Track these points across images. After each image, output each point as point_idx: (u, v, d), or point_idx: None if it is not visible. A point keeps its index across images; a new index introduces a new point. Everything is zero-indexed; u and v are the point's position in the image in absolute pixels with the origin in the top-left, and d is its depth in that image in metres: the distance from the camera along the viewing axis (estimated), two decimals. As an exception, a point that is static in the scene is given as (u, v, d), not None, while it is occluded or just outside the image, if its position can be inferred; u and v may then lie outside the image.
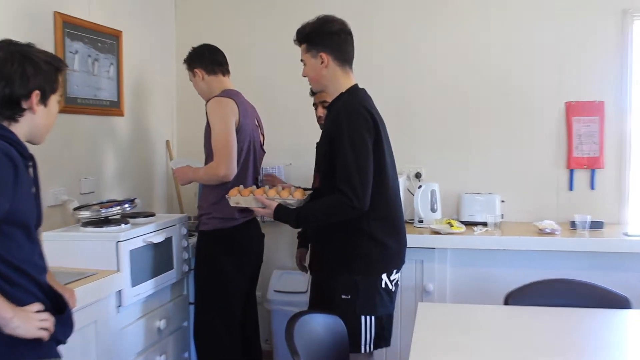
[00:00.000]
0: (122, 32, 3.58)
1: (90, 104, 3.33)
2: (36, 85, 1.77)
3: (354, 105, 2.50)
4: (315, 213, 2.53)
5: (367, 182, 2.40)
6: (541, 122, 3.87)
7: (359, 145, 2.41)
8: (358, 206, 2.39)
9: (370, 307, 2.51)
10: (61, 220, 3.07)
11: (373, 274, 2.52)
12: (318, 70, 2.58)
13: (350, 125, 2.43)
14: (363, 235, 2.51)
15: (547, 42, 3.84)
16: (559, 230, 3.46)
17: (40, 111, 1.81)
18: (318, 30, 2.57)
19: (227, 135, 2.99)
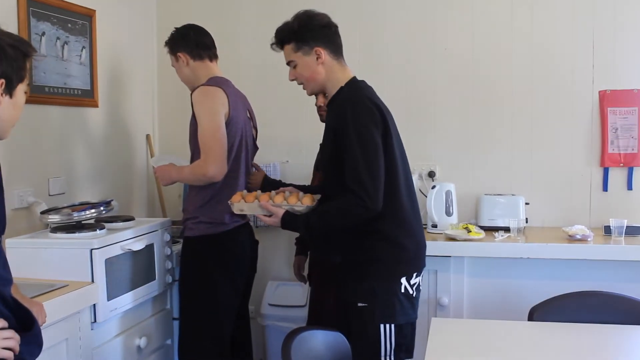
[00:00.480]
0: (95, 11, 3.59)
1: (60, 93, 3.34)
2: (1, 73, 1.74)
3: (357, 98, 2.55)
4: (326, 218, 2.59)
5: (378, 180, 2.47)
6: (571, 113, 3.88)
7: (367, 140, 2.47)
8: (372, 206, 2.46)
9: (390, 315, 2.57)
10: (27, 225, 3.08)
11: (391, 279, 2.58)
12: (314, 67, 2.64)
13: (356, 119, 2.48)
14: (377, 237, 2.58)
15: (578, 23, 3.84)
16: (591, 237, 3.47)
17: (5, 102, 1.78)
18: (307, 24, 2.64)
19: (216, 129, 2.99)
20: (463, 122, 3.97)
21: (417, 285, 2.66)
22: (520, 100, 3.92)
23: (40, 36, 3.18)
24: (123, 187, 3.94)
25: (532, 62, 3.89)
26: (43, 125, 3.23)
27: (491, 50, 3.94)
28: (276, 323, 3.94)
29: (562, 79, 3.87)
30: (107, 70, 3.74)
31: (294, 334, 2.28)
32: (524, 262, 3.44)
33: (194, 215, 3.11)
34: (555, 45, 3.87)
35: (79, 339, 2.63)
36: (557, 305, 2.69)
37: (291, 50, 2.66)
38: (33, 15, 3.12)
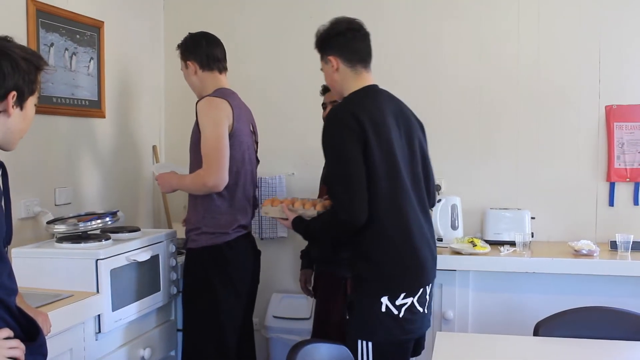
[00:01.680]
0: (103, 22, 3.62)
1: (68, 103, 3.36)
2: (13, 85, 1.76)
3: (338, 112, 2.60)
4: (316, 226, 2.68)
5: (353, 192, 2.46)
6: (577, 128, 3.88)
7: (341, 154, 2.50)
8: (344, 218, 2.48)
9: (366, 332, 2.55)
10: (33, 235, 3.09)
11: (371, 297, 2.56)
12: (332, 75, 2.71)
13: (331, 135, 2.55)
14: (356, 254, 2.61)
15: (584, 38, 3.84)
16: (597, 252, 3.46)
17: (15, 114, 1.80)
18: (325, 34, 2.71)
19: (219, 140, 3.00)
20: (469, 135, 3.97)
21: (410, 305, 2.55)
22: (526, 115, 3.92)
23: (49, 47, 3.20)
24: (129, 198, 3.95)
25: (539, 77, 3.90)
26: (50, 136, 3.25)
27: (497, 63, 3.95)
28: (280, 335, 3.93)
29: (569, 93, 3.87)
30: (114, 81, 3.76)
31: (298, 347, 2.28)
32: (530, 276, 3.43)
33: (197, 227, 3.12)
34: (562, 60, 3.88)
35: (83, 350, 2.63)
36: (562, 320, 2.68)
37: (320, 59, 2.77)
38: (42, 26, 3.14)
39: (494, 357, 2.41)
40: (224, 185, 3.01)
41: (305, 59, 4.10)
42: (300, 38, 4.13)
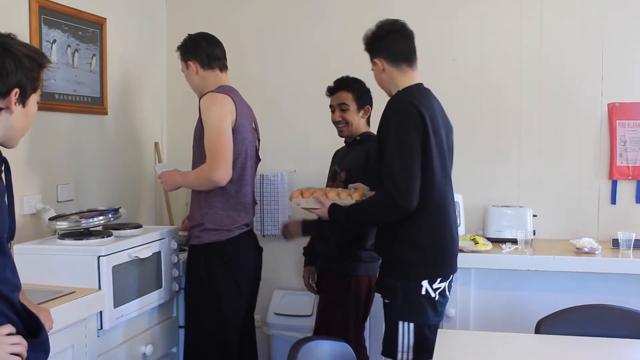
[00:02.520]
0: (106, 19, 3.62)
1: (70, 100, 3.37)
2: (16, 82, 1.77)
3: (400, 102, 2.69)
4: (362, 211, 2.75)
5: (411, 179, 2.58)
6: (579, 126, 3.88)
7: (404, 141, 2.59)
8: (402, 203, 2.57)
9: (409, 314, 2.67)
10: (35, 231, 3.10)
11: (412, 280, 2.68)
12: (380, 76, 2.83)
13: (396, 122, 2.62)
14: (401, 238, 2.69)
15: (586, 36, 3.84)
16: (599, 250, 3.46)
17: (17, 111, 1.81)
18: (370, 38, 2.84)
19: (222, 134, 3.01)
20: (471, 133, 3.96)
21: (442, 290, 2.71)
22: (529, 112, 3.92)
23: (51, 43, 3.21)
24: (131, 194, 3.96)
25: (541, 74, 3.89)
26: (52, 132, 3.25)
27: (499, 62, 3.94)
28: (282, 332, 3.94)
29: (571, 91, 3.87)
30: (116, 78, 3.76)
31: (300, 344, 2.29)
32: (531, 274, 3.43)
33: (199, 223, 3.12)
34: (564, 58, 3.87)
35: (85, 346, 2.63)
36: (564, 318, 2.68)
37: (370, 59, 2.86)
38: (44, 22, 3.15)
39: (495, 354, 2.42)
40: (228, 179, 3.01)
41: (307, 57, 4.12)
42: (303, 36, 4.14)
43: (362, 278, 3.28)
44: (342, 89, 3.37)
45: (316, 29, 4.13)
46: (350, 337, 3.18)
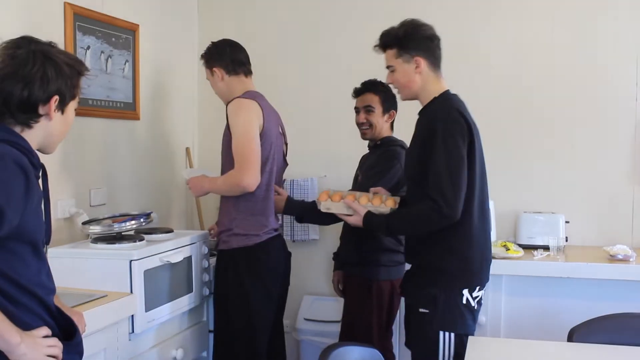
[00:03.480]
0: (138, 25, 3.66)
1: (103, 105, 3.41)
2: (56, 90, 1.81)
3: (448, 109, 2.66)
4: (405, 220, 2.71)
5: (459, 190, 2.55)
6: (613, 130, 3.83)
7: (452, 151, 2.57)
8: (448, 214, 2.54)
9: (450, 324, 2.64)
10: (68, 235, 3.14)
11: (454, 289, 2.65)
12: (411, 76, 2.73)
13: (445, 130, 2.59)
14: (443, 247, 2.65)
15: (621, 39, 3.80)
16: (633, 257, 3.42)
17: (57, 118, 1.85)
18: (412, 34, 2.73)
19: (250, 140, 3.02)
20: (503, 138, 3.93)
21: (480, 298, 2.71)
22: (562, 117, 3.88)
23: (85, 50, 3.25)
24: (162, 199, 3.99)
25: (574, 79, 3.86)
26: (86, 137, 3.29)
27: (533, 66, 3.92)
28: (311, 338, 3.94)
29: (605, 95, 3.83)
30: (149, 84, 3.80)
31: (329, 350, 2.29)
32: (564, 281, 3.40)
33: (228, 228, 3.14)
34: (598, 62, 3.84)
35: (117, 349, 2.66)
36: (597, 326, 2.65)
37: (392, 55, 2.74)
38: (79, 29, 3.19)
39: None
40: (257, 184, 3.02)
41: (337, 61, 4.13)
42: (334, 40, 4.15)
43: (383, 283, 3.29)
44: (368, 91, 3.37)
45: (346, 34, 4.14)
46: (374, 341, 3.18)
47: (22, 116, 1.79)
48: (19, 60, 1.77)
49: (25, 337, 1.70)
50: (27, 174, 1.72)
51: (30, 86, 1.77)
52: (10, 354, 1.68)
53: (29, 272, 1.78)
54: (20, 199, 1.69)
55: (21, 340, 1.68)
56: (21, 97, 1.77)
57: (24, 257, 1.76)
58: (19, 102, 1.77)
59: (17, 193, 1.68)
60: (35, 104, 1.79)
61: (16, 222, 1.69)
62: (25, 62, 1.77)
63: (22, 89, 1.76)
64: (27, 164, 1.74)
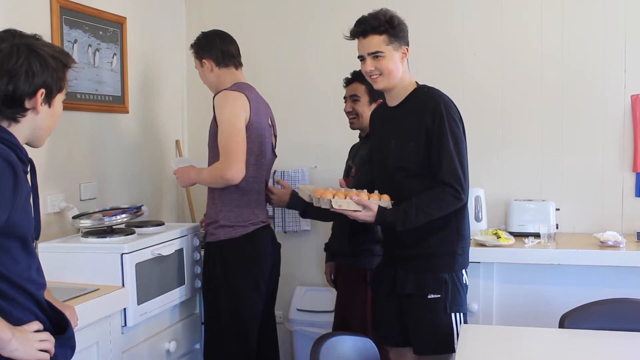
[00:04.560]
0: (126, 18, 3.64)
1: (91, 99, 3.39)
2: (42, 83, 1.80)
3: (443, 96, 2.72)
4: (423, 209, 2.64)
5: (467, 173, 2.67)
6: (603, 118, 3.84)
7: (458, 137, 2.67)
8: (464, 198, 2.65)
9: (459, 304, 2.72)
10: (59, 229, 3.13)
11: (458, 270, 2.74)
12: (398, 64, 2.74)
13: (449, 116, 2.65)
14: (450, 229, 2.72)
15: (609, 27, 3.80)
16: (623, 243, 3.43)
17: (44, 111, 1.84)
18: (402, 23, 2.76)
19: (236, 132, 3.02)
20: (493, 126, 3.95)
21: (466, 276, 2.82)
22: (551, 105, 3.89)
23: (73, 43, 3.24)
24: (153, 192, 3.99)
25: (563, 66, 3.86)
26: (74, 131, 3.28)
27: (521, 53, 3.92)
28: (304, 328, 3.95)
29: (593, 83, 3.83)
30: (137, 77, 3.78)
31: (322, 340, 2.29)
32: (555, 268, 3.41)
33: (214, 220, 3.13)
34: (586, 49, 3.84)
35: (110, 343, 2.66)
36: (588, 312, 2.66)
37: (382, 41, 2.71)
38: (66, 23, 3.18)
39: (518, 349, 2.41)
40: (242, 177, 3.02)
41: (326, 52, 4.12)
42: (323, 31, 4.14)
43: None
44: (355, 80, 3.36)
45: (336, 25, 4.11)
46: (369, 331, 3.19)
47: (8, 111, 1.78)
48: (3, 54, 1.76)
49: (16, 333, 1.69)
50: (16, 170, 1.71)
51: (15, 80, 1.75)
52: (1, 350, 1.67)
53: (19, 267, 1.77)
54: (9, 196, 1.68)
55: (12, 336, 1.68)
56: (6, 92, 1.75)
57: (13, 253, 1.75)
58: (5, 97, 1.76)
59: (5, 189, 1.67)
60: (21, 98, 1.78)
61: (4, 218, 1.68)
62: (9, 57, 1.75)
63: (7, 83, 1.75)
64: (15, 160, 1.72)
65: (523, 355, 2.35)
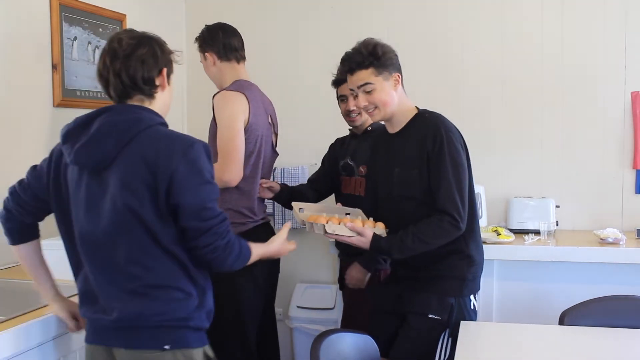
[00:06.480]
0: (125, 15, 3.65)
1: (91, 96, 3.40)
2: (164, 64, 2.06)
3: (444, 121, 2.66)
4: (420, 237, 2.57)
5: (466, 201, 2.59)
6: (603, 115, 3.85)
7: (459, 164, 2.58)
8: (462, 226, 2.56)
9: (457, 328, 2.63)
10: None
11: (466, 295, 2.68)
12: (391, 93, 2.66)
13: (449, 141, 2.58)
14: (459, 256, 2.66)
15: (609, 24, 3.81)
16: (623, 240, 3.44)
17: (167, 88, 2.09)
18: (388, 51, 2.65)
19: (234, 135, 3.01)
20: (493, 124, 3.96)
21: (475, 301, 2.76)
22: (551, 102, 3.89)
23: (72, 41, 3.24)
24: (153, 189, 3.97)
25: (563, 64, 3.87)
26: (75, 129, 3.28)
27: (521, 51, 3.92)
28: (304, 325, 3.95)
29: (593, 80, 3.84)
30: (137, 74, 3.78)
31: (322, 337, 2.30)
32: (555, 265, 3.42)
33: None
34: (586, 46, 3.84)
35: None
36: (588, 309, 2.67)
37: (370, 74, 2.62)
38: (65, 20, 3.18)
39: (518, 346, 2.41)
40: (239, 179, 3.01)
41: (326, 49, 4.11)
42: (323, 28, 4.14)
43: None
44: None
45: (336, 22, 4.14)
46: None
47: (147, 88, 2.01)
48: (134, 45, 2.01)
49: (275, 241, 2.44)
50: None
51: (147, 64, 2.01)
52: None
53: None
54: None
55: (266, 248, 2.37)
56: (142, 73, 2.00)
57: None
58: (142, 78, 2.00)
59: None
60: (152, 77, 2.02)
61: None
62: (137, 46, 2.01)
63: (142, 66, 2.00)
64: None
65: (523, 352, 2.36)
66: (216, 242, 1.97)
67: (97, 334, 2.00)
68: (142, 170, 1.88)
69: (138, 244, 1.91)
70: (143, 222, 1.89)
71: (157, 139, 1.94)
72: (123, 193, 1.88)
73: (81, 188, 1.96)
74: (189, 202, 1.90)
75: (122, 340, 1.95)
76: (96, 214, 1.93)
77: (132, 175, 1.88)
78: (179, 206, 1.90)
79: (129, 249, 1.91)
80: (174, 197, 1.89)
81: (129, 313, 1.92)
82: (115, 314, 1.92)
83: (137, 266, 1.92)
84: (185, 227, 1.93)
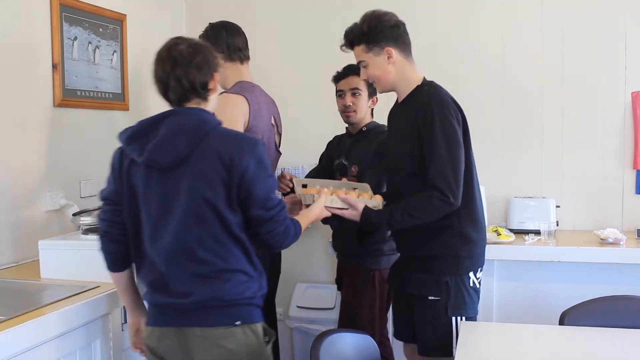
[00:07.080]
0: (126, 15, 3.64)
1: (92, 96, 3.40)
2: (214, 69, 2.26)
3: (441, 96, 2.64)
4: (409, 212, 2.59)
5: (460, 177, 2.55)
6: (603, 115, 3.85)
7: (452, 138, 2.56)
8: (454, 202, 2.54)
9: (460, 308, 2.65)
10: (59, 227, 3.14)
11: (462, 273, 2.66)
12: (385, 67, 2.68)
13: (442, 115, 2.57)
14: (451, 232, 2.64)
15: (609, 24, 3.81)
16: (623, 240, 3.44)
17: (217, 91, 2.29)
18: (377, 25, 2.67)
19: None
20: (493, 124, 3.95)
21: (480, 279, 2.73)
22: (551, 102, 3.89)
23: (73, 41, 3.24)
24: (153, 189, 3.98)
25: (563, 63, 3.87)
26: (74, 129, 3.28)
27: (521, 51, 3.92)
28: (304, 325, 3.95)
29: (594, 80, 3.84)
30: (137, 74, 3.78)
31: (322, 337, 2.29)
32: (555, 265, 3.42)
33: None
34: (587, 46, 3.84)
35: (110, 340, 2.66)
36: (588, 309, 2.67)
37: (362, 51, 2.69)
38: (65, 20, 3.18)
39: (519, 346, 2.41)
40: None
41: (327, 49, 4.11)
42: (323, 27, 4.14)
43: (384, 271, 3.27)
44: (354, 73, 3.32)
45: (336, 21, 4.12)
46: (375, 330, 3.18)
47: (203, 92, 2.23)
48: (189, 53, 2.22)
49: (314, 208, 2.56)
50: None
51: (203, 71, 2.22)
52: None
53: None
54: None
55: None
56: (200, 79, 2.21)
57: None
58: (200, 83, 2.21)
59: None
60: (206, 82, 2.23)
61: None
62: (194, 54, 2.22)
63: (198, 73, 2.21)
64: None
65: (523, 352, 2.35)
66: (276, 229, 2.18)
67: (169, 317, 2.17)
68: (217, 166, 2.09)
69: (211, 233, 2.11)
70: (217, 212, 2.10)
71: (226, 138, 2.16)
72: (200, 186, 2.09)
73: (151, 186, 2.16)
74: (257, 194, 2.12)
75: (197, 319, 2.13)
76: (170, 209, 2.12)
77: (208, 170, 2.09)
78: (249, 197, 2.11)
79: (203, 237, 2.10)
80: (245, 190, 2.11)
81: (205, 295, 2.10)
82: (193, 297, 2.10)
83: (209, 253, 2.11)
84: (251, 216, 2.14)
